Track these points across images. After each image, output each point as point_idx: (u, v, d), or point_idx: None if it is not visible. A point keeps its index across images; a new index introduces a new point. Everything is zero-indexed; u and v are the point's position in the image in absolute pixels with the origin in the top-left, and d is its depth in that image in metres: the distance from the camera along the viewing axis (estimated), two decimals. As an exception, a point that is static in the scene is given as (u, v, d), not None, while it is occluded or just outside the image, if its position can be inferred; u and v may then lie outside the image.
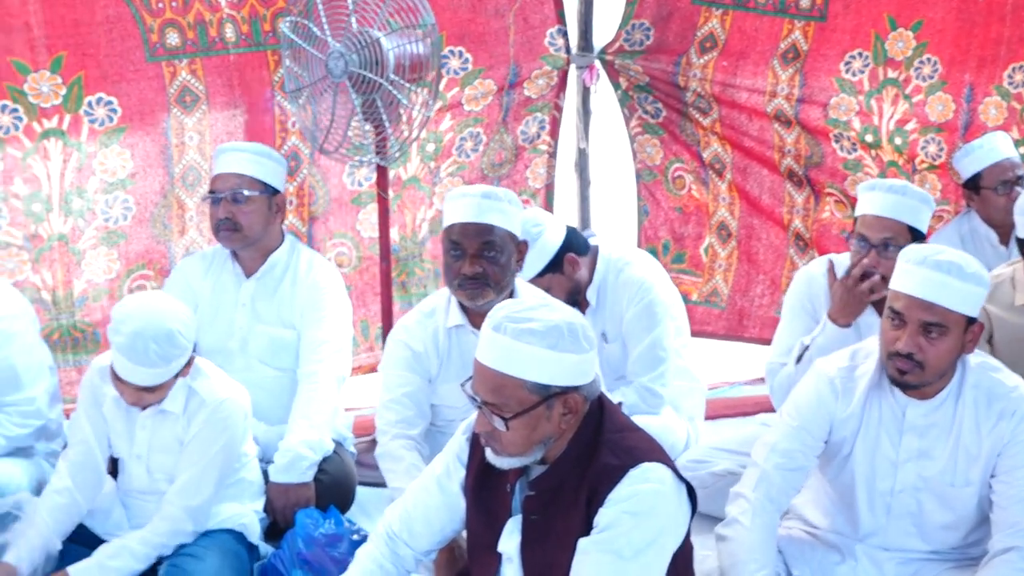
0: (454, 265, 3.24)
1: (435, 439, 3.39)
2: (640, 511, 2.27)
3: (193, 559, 3.08)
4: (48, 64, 4.12)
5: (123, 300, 3.09)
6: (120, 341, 2.92)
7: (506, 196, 3.30)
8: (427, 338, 3.38)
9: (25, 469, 3.58)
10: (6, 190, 4.21)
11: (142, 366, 2.93)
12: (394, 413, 3.34)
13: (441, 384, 3.40)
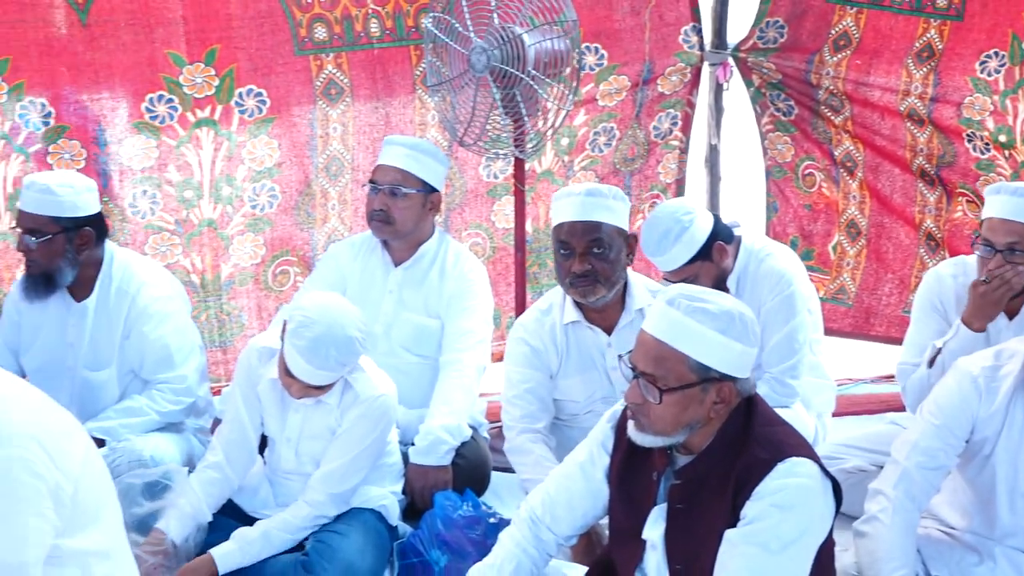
0: (564, 264, 3.26)
1: (559, 432, 3.42)
2: (787, 505, 2.26)
3: (338, 536, 3.15)
4: (202, 56, 4.25)
5: (305, 303, 3.10)
6: (301, 345, 2.98)
7: (611, 192, 3.31)
8: (545, 335, 3.40)
9: (176, 443, 3.71)
10: (160, 177, 4.34)
11: (320, 369, 3.01)
12: (519, 409, 3.37)
13: (562, 379, 3.42)
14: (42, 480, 2.42)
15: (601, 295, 3.23)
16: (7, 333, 3.76)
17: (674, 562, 2.40)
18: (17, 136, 4.23)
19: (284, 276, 4.53)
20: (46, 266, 3.57)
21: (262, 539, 3.13)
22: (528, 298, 4.37)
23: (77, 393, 3.63)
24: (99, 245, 3.65)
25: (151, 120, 4.29)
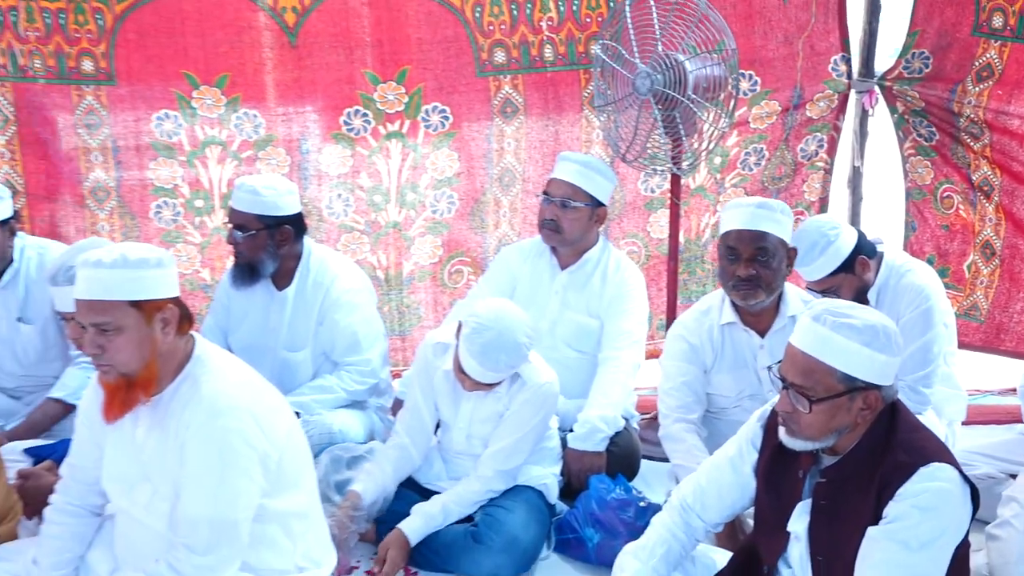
0: (729, 268, 3.23)
1: (709, 424, 3.40)
2: (928, 507, 2.20)
3: (504, 510, 3.19)
4: (395, 76, 4.33)
5: (479, 309, 3.13)
6: (474, 349, 3.04)
7: (779, 207, 3.27)
8: (703, 333, 3.38)
9: (360, 419, 3.80)
10: (353, 183, 4.45)
11: (490, 371, 3.07)
12: (675, 399, 3.36)
13: (715, 375, 3.39)
14: (253, 449, 2.52)
15: (761, 299, 3.21)
16: (218, 315, 3.90)
17: (816, 553, 2.37)
18: (232, 143, 4.39)
19: (458, 275, 4.60)
20: (251, 258, 3.69)
21: (442, 512, 3.20)
22: (677, 302, 4.36)
23: (277, 371, 3.71)
24: (298, 241, 3.76)
25: (347, 132, 4.40)
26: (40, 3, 4.18)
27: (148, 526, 2.62)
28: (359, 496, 3.25)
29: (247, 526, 2.53)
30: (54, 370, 3.92)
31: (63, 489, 2.80)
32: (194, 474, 2.47)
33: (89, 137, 4.36)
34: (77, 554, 2.77)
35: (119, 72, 4.27)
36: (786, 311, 3.31)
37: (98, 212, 4.44)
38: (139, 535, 2.66)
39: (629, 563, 2.55)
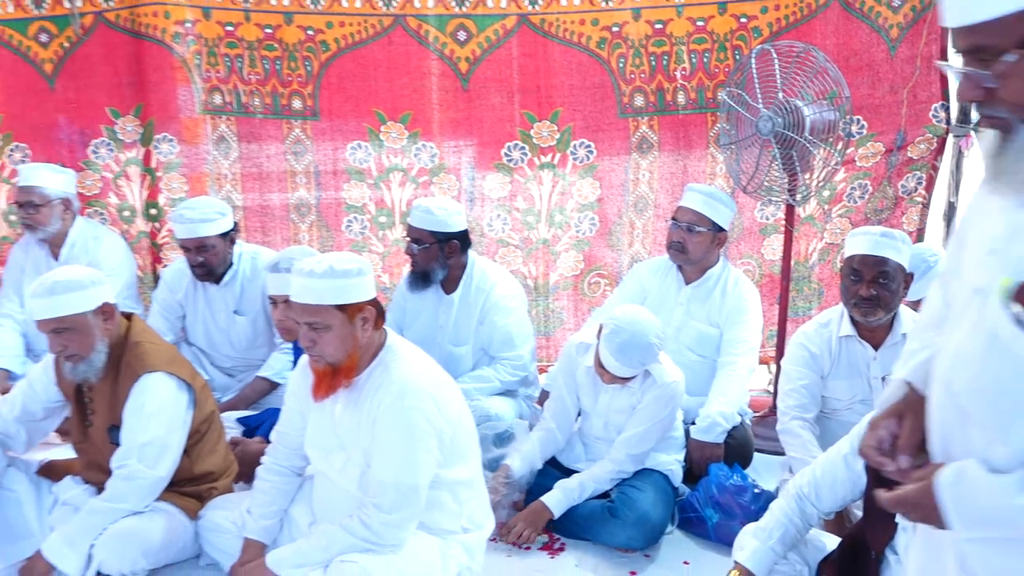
0: (852, 287, 3.14)
1: (823, 422, 3.31)
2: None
3: (636, 490, 3.18)
4: (549, 116, 4.36)
5: (618, 313, 3.15)
6: (613, 347, 3.06)
7: (900, 236, 3.17)
8: (822, 343, 3.30)
9: (511, 405, 3.83)
10: (510, 205, 4.49)
11: (625, 366, 3.08)
12: (793, 399, 3.28)
13: (831, 380, 3.30)
14: (432, 426, 2.57)
15: (879, 317, 3.12)
16: (395, 314, 3.99)
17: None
18: (412, 169, 4.49)
19: (596, 286, 4.60)
20: (424, 267, 3.77)
21: (579, 488, 3.21)
22: (787, 316, 4.27)
23: (442, 362, 3.68)
24: (464, 253, 3.81)
25: (507, 162, 4.44)
26: (261, 52, 4.34)
27: (341, 487, 2.70)
28: (510, 469, 3.28)
29: (425, 492, 2.58)
30: (261, 354, 4.06)
31: (272, 452, 2.91)
32: (383, 445, 2.54)
33: (295, 162, 4.51)
34: (282, 507, 2.87)
35: (322, 109, 4.41)
36: (899, 328, 3.20)
37: (300, 224, 4.59)
38: (334, 494, 2.74)
39: (749, 542, 2.52)
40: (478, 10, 4.24)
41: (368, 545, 2.54)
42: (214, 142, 4.49)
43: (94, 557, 2.77)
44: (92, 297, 2.83)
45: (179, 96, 4.44)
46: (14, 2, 4.31)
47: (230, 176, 4.53)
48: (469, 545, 2.75)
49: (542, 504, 3.18)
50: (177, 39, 4.34)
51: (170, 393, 2.89)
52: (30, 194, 4.12)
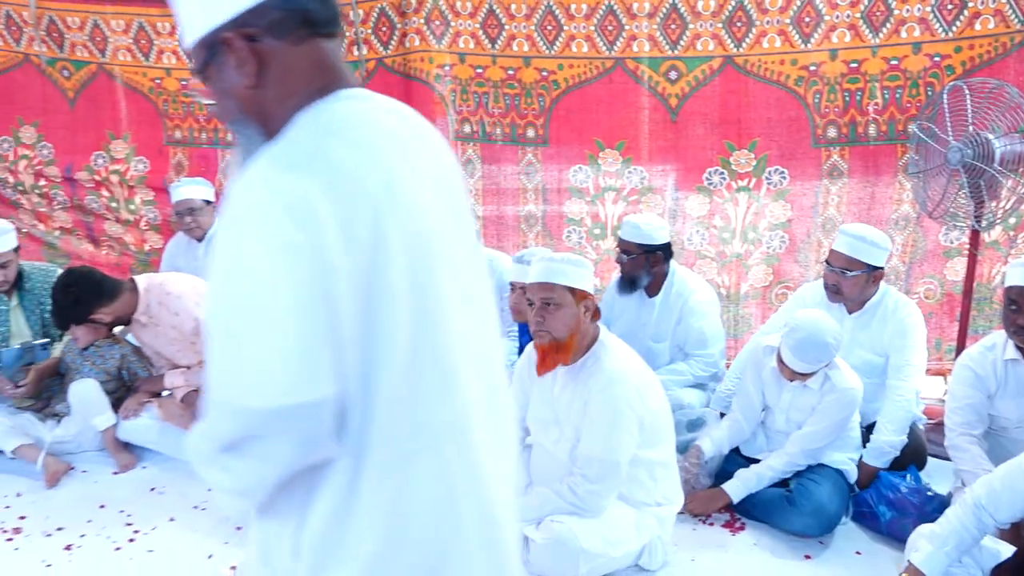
0: (1011, 316, 2.77)
1: (992, 439, 2.96)
2: None
3: (814, 483, 2.97)
4: (747, 145, 4.16)
5: (799, 314, 2.98)
6: (791, 344, 2.88)
7: None
8: (987, 365, 2.92)
9: (699, 397, 3.68)
10: (708, 222, 4.33)
11: (803, 362, 2.89)
12: (960, 417, 2.94)
13: (998, 400, 2.92)
14: (634, 411, 2.50)
15: None
16: (604, 312, 3.92)
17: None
18: (624, 190, 4.41)
19: (782, 296, 4.34)
20: (632, 274, 3.69)
21: (756, 477, 3.03)
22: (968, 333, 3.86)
23: (643, 355, 3.61)
24: (666, 263, 3.71)
25: (707, 185, 4.27)
26: (504, 90, 4.41)
27: (555, 456, 2.68)
28: (701, 451, 3.15)
29: (625, 467, 2.52)
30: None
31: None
32: (592, 425, 2.50)
33: (527, 181, 4.54)
34: None
35: (551, 137, 4.42)
36: None
37: (528, 233, 4.62)
38: (548, 462, 2.73)
39: (924, 545, 2.28)
40: (688, 53, 4.11)
41: (574, 509, 2.51)
42: (463, 164, 4.61)
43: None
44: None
45: (437, 126, 4.56)
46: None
47: (473, 191, 4.63)
48: (661, 517, 2.67)
49: (721, 490, 3.04)
50: (438, 79, 4.48)
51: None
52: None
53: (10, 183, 5.17)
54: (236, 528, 3.02)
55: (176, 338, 3.57)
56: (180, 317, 3.51)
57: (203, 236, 4.49)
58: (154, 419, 3.60)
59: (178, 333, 3.55)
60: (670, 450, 2.70)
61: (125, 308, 3.49)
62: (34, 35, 4.91)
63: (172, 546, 2.94)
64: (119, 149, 5.01)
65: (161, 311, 3.53)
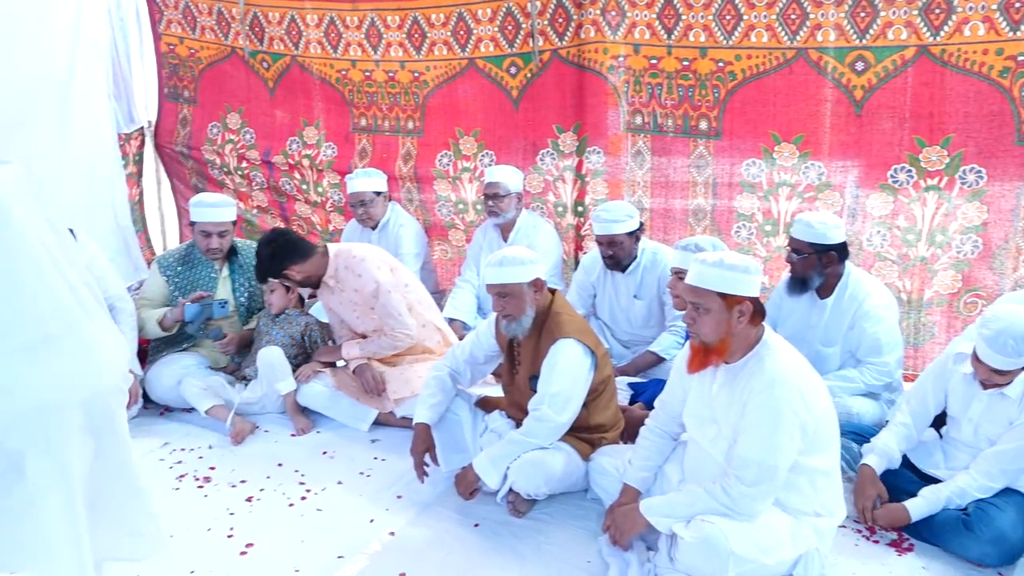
0: None
1: None
2: None
3: (996, 508, 2.70)
4: (939, 141, 3.84)
5: (996, 306, 2.76)
6: (988, 333, 2.63)
7: None
8: None
9: (872, 407, 3.48)
10: (891, 223, 4.05)
11: (999, 354, 2.62)
12: None
13: None
14: (797, 416, 2.39)
15: None
16: (771, 311, 3.75)
17: None
18: (799, 186, 4.21)
19: (972, 305, 3.99)
20: (803, 274, 3.52)
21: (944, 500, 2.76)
22: None
23: (811, 359, 3.35)
24: (841, 264, 3.50)
25: (892, 183, 3.99)
26: (677, 81, 4.32)
27: (709, 455, 2.62)
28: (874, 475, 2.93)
29: (784, 473, 2.42)
30: (653, 332, 4.07)
31: (655, 417, 2.89)
32: (751, 426, 2.41)
33: (697, 175, 4.43)
34: (658, 464, 2.85)
35: (724, 130, 4.29)
36: None
37: (696, 227, 4.51)
38: (702, 460, 2.66)
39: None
40: (878, 42, 3.84)
41: (726, 511, 2.43)
42: (632, 155, 4.56)
43: (509, 476, 2.95)
44: (529, 272, 3.01)
45: (608, 117, 4.56)
46: (494, 43, 4.70)
47: (642, 184, 4.57)
48: (820, 528, 2.54)
49: (903, 508, 2.81)
50: (611, 70, 4.45)
51: (577, 356, 2.99)
52: (496, 188, 4.48)
53: (217, 164, 5.65)
54: (397, 497, 3.17)
55: (358, 302, 3.78)
56: (363, 279, 3.71)
57: (375, 225, 4.72)
58: (328, 387, 3.83)
59: (360, 296, 3.76)
60: (834, 459, 2.56)
61: (316, 269, 3.74)
62: (240, 29, 5.33)
63: (339, 507, 3.12)
64: (310, 135, 5.34)
65: (346, 275, 3.75)
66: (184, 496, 3.23)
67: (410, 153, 5.10)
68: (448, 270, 5.24)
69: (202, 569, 2.72)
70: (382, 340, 3.78)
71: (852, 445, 3.17)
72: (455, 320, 4.49)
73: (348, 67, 5.10)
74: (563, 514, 3.03)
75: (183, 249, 4.19)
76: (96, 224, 4.95)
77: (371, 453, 3.56)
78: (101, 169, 5.46)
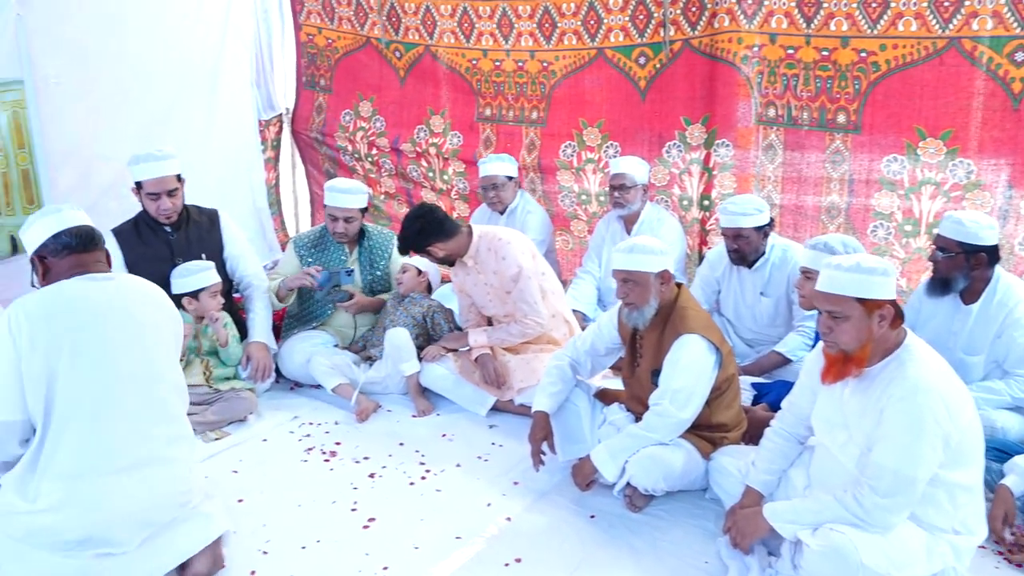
0: None
1: None
2: None
3: None
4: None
5: None
6: None
7: None
8: None
9: (1017, 421, 3.23)
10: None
11: None
12: None
13: None
14: (940, 427, 2.26)
15: None
16: (909, 315, 3.55)
17: None
18: (945, 184, 3.97)
19: None
20: (946, 275, 3.31)
21: None
22: None
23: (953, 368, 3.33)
24: (990, 267, 3.28)
25: (1051, 183, 3.72)
26: (815, 72, 4.15)
27: (839, 461, 2.51)
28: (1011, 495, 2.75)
29: (922, 486, 2.29)
30: (779, 332, 3.94)
31: (781, 418, 2.80)
32: (889, 433, 2.29)
33: (832, 170, 4.25)
34: (782, 468, 2.76)
35: (864, 124, 4.09)
36: None
37: (828, 225, 4.33)
38: (831, 466, 2.56)
39: None
40: (1042, 31, 3.58)
41: (856, 521, 2.33)
42: (763, 149, 4.42)
43: (627, 470, 2.93)
44: (658, 263, 2.97)
45: (739, 109, 4.43)
46: (624, 32, 4.64)
47: (772, 178, 4.43)
48: (957, 547, 2.39)
49: None
50: (744, 60, 4.32)
51: (702, 351, 2.93)
52: (622, 179, 4.44)
53: (349, 151, 5.84)
54: (513, 483, 3.20)
55: (495, 285, 3.83)
56: (507, 261, 3.76)
57: (504, 210, 4.75)
58: (450, 371, 3.90)
59: (498, 279, 3.80)
60: (977, 474, 2.40)
61: (458, 248, 3.81)
62: (376, 20, 5.47)
63: (457, 489, 3.18)
64: (437, 124, 5.44)
65: (488, 256, 3.81)
66: (311, 468, 3.36)
67: (534, 143, 5.12)
68: (569, 260, 5.23)
69: (327, 539, 2.83)
70: (511, 327, 3.81)
71: (991, 464, 2.97)
72: (576, 311, 4.48)
73: (479, 56, 5.17)
74: (680, 512, 2.98)
75: (317, 231, 4.36)
76: (235, 206, 5.20)
77: (489, 438, 3.61)
78: (242, 153, 5.75)
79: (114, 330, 2.41)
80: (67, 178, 4.67)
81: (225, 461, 3.40)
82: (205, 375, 3.75)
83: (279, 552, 2.76)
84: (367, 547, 2.79)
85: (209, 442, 3.55)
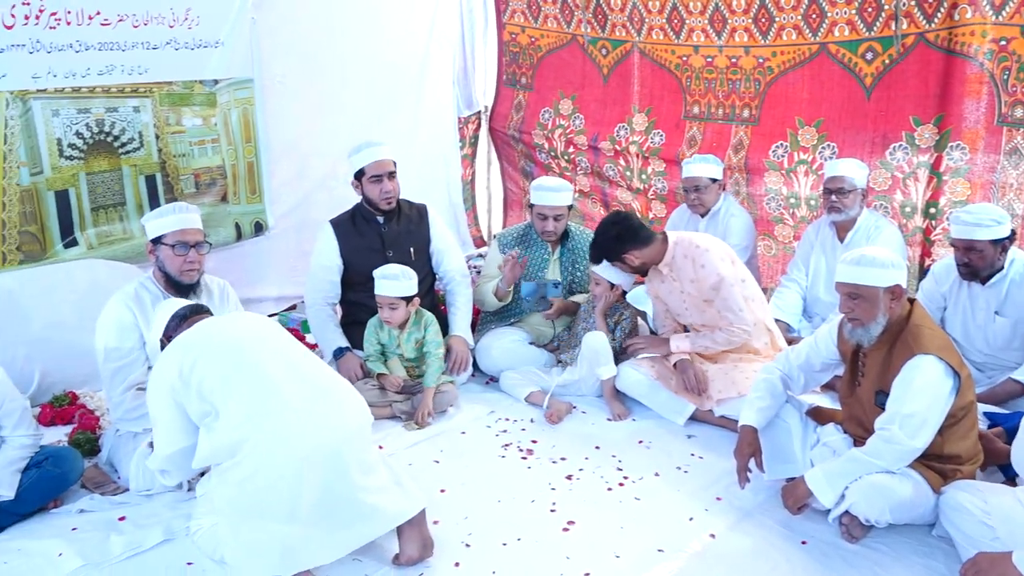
0: None
1: None
2: None
3: None
4: None
5: None
6: None
7: None
8: None
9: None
10: None
11: None
12: None
13: None
14: None
15: None
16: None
17: None
18: None
19: None
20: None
21: None
22: None
23: None
24: None
25: None
26: None
27: None
28: None
29: None
30: (1016, 357, 3.58)
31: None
32: None
33: None
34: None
35: None
36: None
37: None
38: None
39: None
40: None
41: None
42: (1006, 153, 4.03)
43: (846, 497, 2.76)
44: (889, 277, 2.78)
45: (979, 109, 4.06)
46: (850, 26, 4.38)
47: (1016, 186, 4.03)
48: None
49: None
50: (988, 56, 3.96)
51: (938, 375, 2.70)
52: (840, 182, 4.16)
53: (545, 148, 5.90)
54: (716, 498, 3.10)
55: (692, 293, 3.74)
56: (706, 270, 3.67)
57: (705, 212, 4.62)
58: (647, 376, 3.84)
59: (696, 288, 3.71)
60: None
61: (653, 256, 3.76)
62: (582, 17, 5.49)
63: (657, 499, 3.12)
64: (639, 122, 5.38)
65: (685, 264, 3.72)
66: (509, 464, 3.41)
67: (742, 142, 4.94)
68: (770, 267, 5.03)
69: (528, 539, 2.86)
70: (717, 335, 3.71)
71: None
72: (779, 321, 4.29)
73: (690, 53, 5.06)
74: (904, 547, 2.76)
75: (521, 228, 4.43)
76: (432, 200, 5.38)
77: (688, 448, 3.52)
78: (441, 149, 5.95)
79: (243, 328, 2.74)
80: (285, 171, 5.03)
81: (426, 451, 3.52)
82: (407, 367, 3.91)
83: (481, 546, 2.81)
84: (568, 550, 2.79)
85: (411, 431, 3.69)
